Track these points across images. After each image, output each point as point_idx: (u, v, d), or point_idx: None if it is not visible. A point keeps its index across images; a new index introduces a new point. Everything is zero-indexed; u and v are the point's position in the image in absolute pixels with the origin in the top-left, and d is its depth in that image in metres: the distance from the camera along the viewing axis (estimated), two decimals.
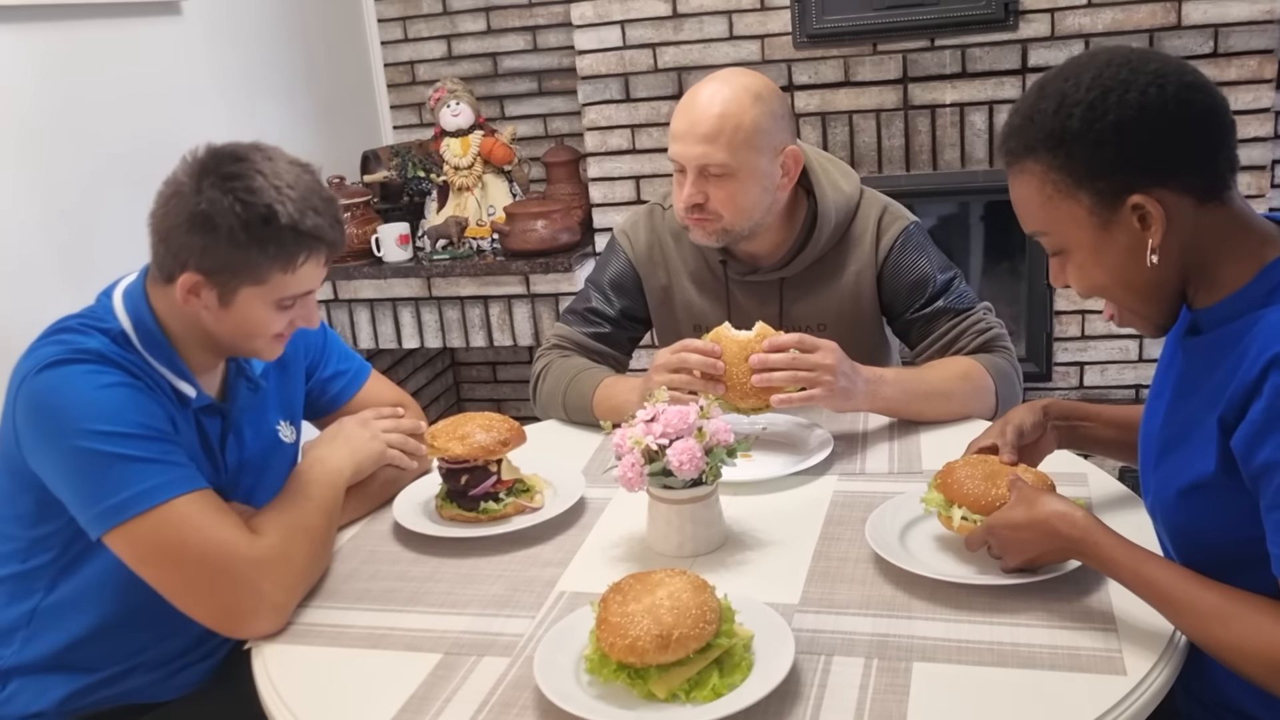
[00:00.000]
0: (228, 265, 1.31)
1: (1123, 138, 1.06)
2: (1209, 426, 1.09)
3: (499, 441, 1.49)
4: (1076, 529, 1.15)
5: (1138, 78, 1.06)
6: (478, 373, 3.99)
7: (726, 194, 1.72)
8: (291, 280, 1.35)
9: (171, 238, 1.32)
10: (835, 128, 3.04)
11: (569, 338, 1.92)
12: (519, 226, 3.12)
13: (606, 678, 1.09)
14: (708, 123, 1.68)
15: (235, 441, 1.49)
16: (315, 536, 1.39)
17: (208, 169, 1.30)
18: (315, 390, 1.67)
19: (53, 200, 2.42)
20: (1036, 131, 1.10)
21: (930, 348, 1.81)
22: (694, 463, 1.31)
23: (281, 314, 1.39)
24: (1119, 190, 1.08)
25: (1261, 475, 1.03)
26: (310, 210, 1.32)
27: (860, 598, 1.25)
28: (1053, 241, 1.15)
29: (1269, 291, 1.08)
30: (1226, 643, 1.05)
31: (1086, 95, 1.07)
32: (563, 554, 1.42)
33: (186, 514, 1.28)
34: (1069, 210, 1.11)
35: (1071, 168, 1.09)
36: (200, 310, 1.35)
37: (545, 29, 3.54)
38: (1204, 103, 1.07)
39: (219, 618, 1.30)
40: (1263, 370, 1.02)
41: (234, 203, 1.28)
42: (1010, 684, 1.08)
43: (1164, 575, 1.10)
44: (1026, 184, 1.13)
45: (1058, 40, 2.82)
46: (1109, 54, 1.10)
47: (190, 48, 2.85)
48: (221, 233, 1.29)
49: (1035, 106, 1.11)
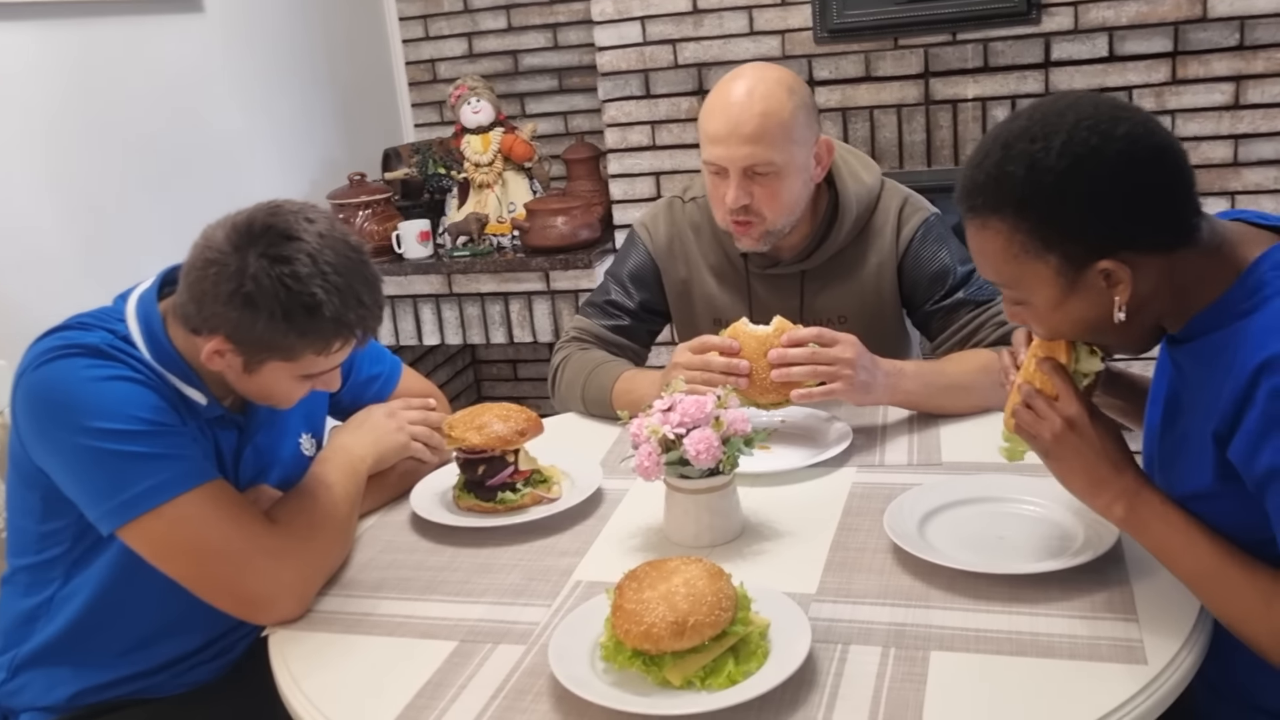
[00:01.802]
0: (261, 343, 1.28)
1: (1094, 208, 1.05)
2: (1204, 440, 1.08)
3: (516, 432, 1.49)
4: (1140, 478, 1.13)
5: (1108, 145, 1.05)
6: (498, 370, 4.00)
7: (771, 192, 1.70)
8: (323, 361, 1.33)
9: (206, 304, 1.28)
10: (856, 123, 3.02)
11: (588, 330, 1.92)
12: (539, 223, 3.12)
13: (622, 665, 1.08)
14: (751, 123, 1.65)
15: (253, 455, 1.46)
16: (336, 524, 1.39)
17: (254, 241, 1.25)
18: (349, 396, 1.66)
19: (75, 196, 2.44)
20: (1005, 194, 1.09)
21: (950, 339, 1.80)
22: (711, 452, 1.31)
23: (304, 385, 1.37)
24: (1088, 255, 1.07)
25: (1267, 481, 1.01)
26: (355, 301, 1.28)
27: (878, 587, 1.24)
28: (1015, 294, 1.15)
29: (1249, 298, 1.07)
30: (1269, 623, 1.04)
31: (1058, 163, 1.05)
32: (579, 544, 1.42)
33: (200, 508, 1.28)
34: (1035, 269, 1.10)
35: (1041, 232, 1.08)
36: (221, 366, 1.33)
37: (566, 26, 3.55)
38: (1171, 164, 1.07)
39: (241, 607, 1.30)
40: (1251, 377, 1.01)
41: (279, 288, 1.24)
42: (1029, 673, 1.07)
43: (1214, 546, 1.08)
44: (990, 240, 1.12)
45: (1081, 34, 2.80)
46: (1076, 113, 1.07)
47: (212, 44, 2.87)
48: (262, 314, 1.25)
49: (1002, 167, 1.08)
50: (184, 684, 1.47)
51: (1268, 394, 0.99)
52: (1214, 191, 2.79)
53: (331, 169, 3.32)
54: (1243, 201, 2.79)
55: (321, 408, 1.62)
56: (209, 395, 1.38)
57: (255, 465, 1.47)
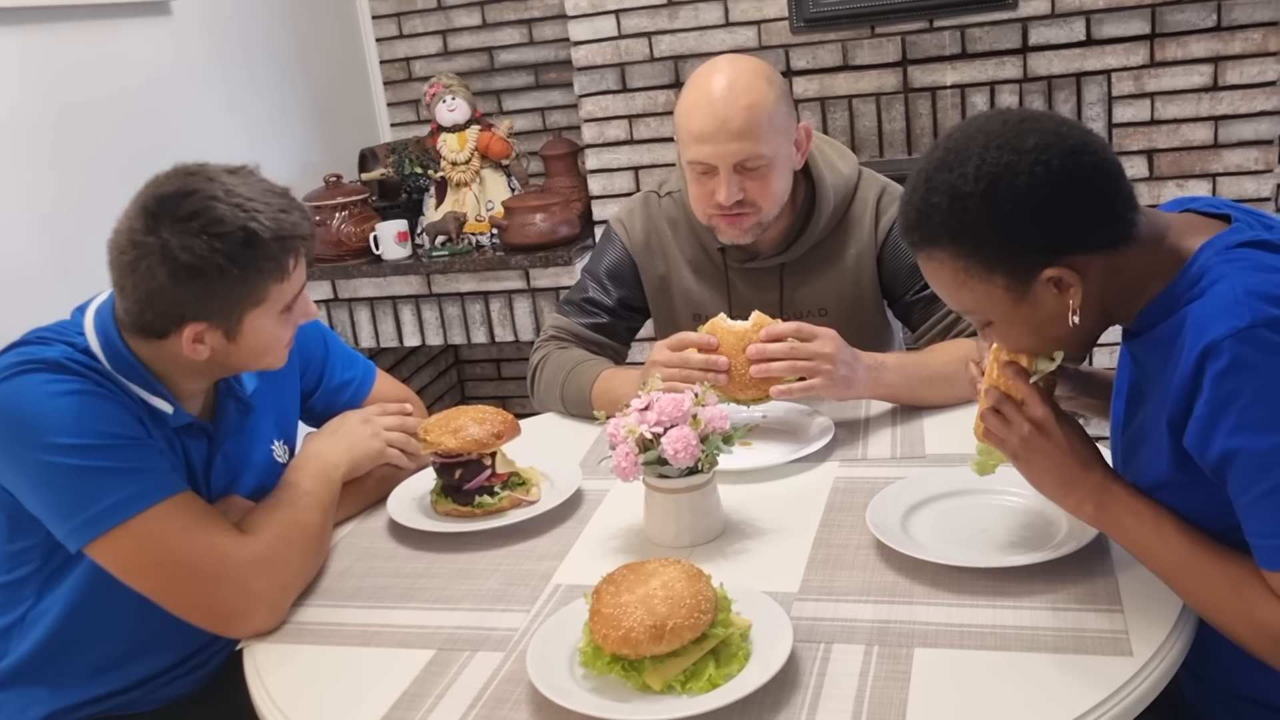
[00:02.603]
0: (228, 301, 1.27)
1: (1022, 223, 1.06)
2: (1160, 429, 1.08)
3: (492, 434, 1.47)
4: (1108, 475, 1.14)
5: (1021, 159, 1.05)
6: (481, 370, 3.97)
7: (763, 185, 1.69)
8: (288, 287, 1.32)
9: (157, 299, 1.26)
10: (835, 112, 3.00)
11: (566, 329, 1.90)
12: (518, 221, 3.10)
13: (601, 670, 1.07)
14: (739, 118, 1.63)
15: (223, 464, 1.44)
16: (310, 533, 1.37)
17: (161, 219, 1.24)
18: (322, 401, 1.64)
19: (44, 204, 2.41)
20: (935, 226, 1.10)
21: (932, 330, 1.78)
22: (689, 451, 1.29)
23: (286, 323, 1.36)
24: (1031, 267, 1.08)
25: (1223, 466, 1.01)
26: (279, 212, 1.28)
27: (861, 584, 1.23)
28: (978, 318, 1.16)
29: (1192, 286, 1.07)
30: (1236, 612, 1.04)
31: (976, 187, 1.06)
32: (559, 547, 1.40)
33: (168, 521, 1.25)
34: (986, 291, 1.11)
35: (980, 255, 1.09)
36: (207, 354, 1.31)
37: (540, 21, 3.52)
38: (1089, 163, 1.07)
39: (213, 620, 1.28)
40: (1197, 363, 1.01)
41: (210, 240, 1.23)
42: (1014, 668, 1.06)
43: (1184, 536, 1.08)
44: (939, 271, 1.13)
45: (1058, 18, 2.78)
46: (985, 136, 1.08)
47: (181, 48, 2.83)
48: (212, 275, 1.24)
49: (927, 200, 1.10)
50: (160, 699, 1.44)
51: (1212, 379, 0.99)
52: (1195, 174, 2.78)
53: (307, 171, 3.28)
54: (1224, 183, 2.78)
55: (293, 413, 1.60)
56: (175, 404, 1.35)
57: (227, 474, 1.44)
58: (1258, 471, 0.99)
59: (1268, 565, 1.01)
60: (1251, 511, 1.01)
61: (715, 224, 1.74)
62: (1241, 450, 0.99)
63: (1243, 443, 0.99)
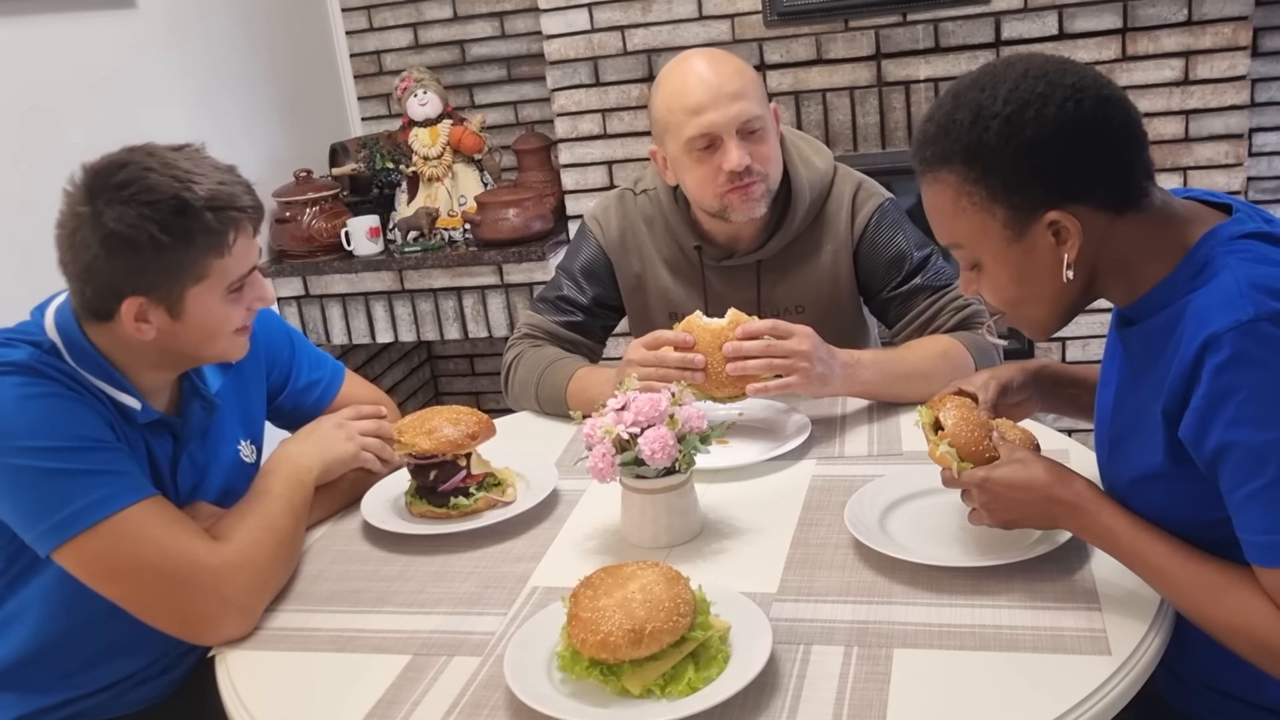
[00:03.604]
0: (164, 274, 1.25)
1: (1039, 154, 1.05)
2: (1154, 418, 1.07)
3: (467, 435, 1.45)
4: (1079, 496, 1.13)
5: (1055, 91, 1.04)
6: (455, 365, 3.95)
7: (764, 149, 1.69)
8: (231, 262, 1.29)
9: (94, 273, 1.25)
10: (809, 106, 3.00)
11: (541, 327, 1.88)
12: (491, 216, 3.08)
13: (579, 675, 1.06)
14: (732, 81, 1.65)
15: (189, 464, 1.42)
16: (281, 537, 1.35)
17: (96, 190, 1.23)
18: (289, 402, 1.62)
19: (7, 201, 2.36)
20: (952, 143, 1.08)
21: (908, 326, 1.78)
22: (666, 451, 1.28)
23: (235, 303, 1.32)
24: (1035, 206, 1.06)
25: (1216, 459, 1.01)
26: (217, 183, 1.26)
27: (839, 584, 1.22)
28: (967, 254, 1.14)
29: (1194, 276, 1.06)
30: (1217, 618, 1.04)
31: (1003, 109, 1.05)
32: (535, 548, 1.39)
33: (138, 525, 1.23)
34: (983, 223, 1.09)
35: (987, 182, 1.07)
36: (153, 334, 1.28)
37: (512, 15, 3.49)
38: (1119, 117, 1.06)
39: (183, 627, 1.26)
40: (1197, 355, 1.00)
41: (140, 208, 1.21)
42: (993, 668, 1.06)
43: (1162, 547, 1.08)
44: (941, 194, 1.11)
45: (1030, 12, 2.79)
46: (1025, 63, 1.07)
47: (146, 42, 2.79)
48: (144, 245, 1.22)
49: (951, 116, 1.08)
50: (130, 703, 1.43)
51: (1212, 371, 0.99)
52: (1166, 167, 2.80)
53: (277, 166, 3.24)
54: (1195, 177, 2.80)
55: (259, 413, 1.58)
56: (141, 399, 1.33)
57: (194, 474, 1.42)
58: (1254, 466, 0.98)
59: (1262, 561, 1.00)
60: (1245, 507, 1.00)
61: (728, 202, 1.70)
62: (1238, 444, 0.98)
63: (1240, 436, 0.98)
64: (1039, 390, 1.39)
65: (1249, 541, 1.01)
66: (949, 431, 1.21)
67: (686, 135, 1.67)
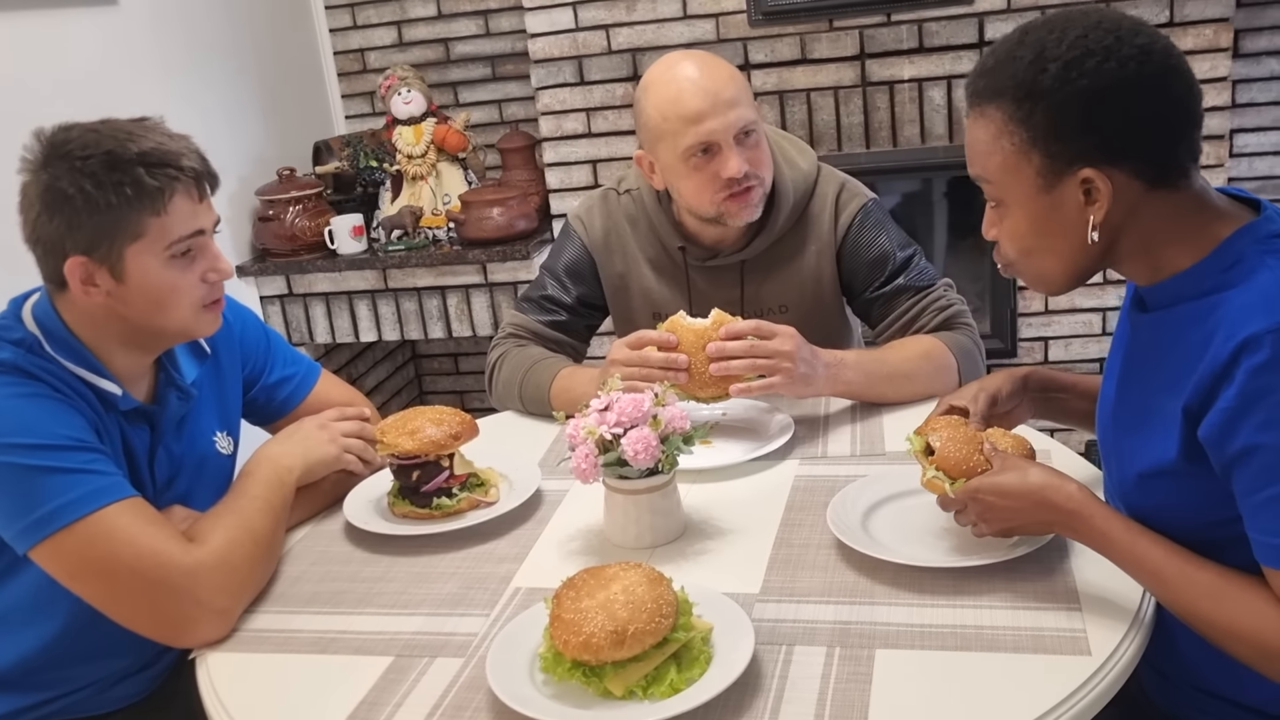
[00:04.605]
0: (98, 230, 1.25)
1: (1089, 106, 1.03)
2: (1171, 414, 1.06)
3: (450, 435, 1.45)
4: (1072, 500, 1.12)
5: (1121, 47, 1.02)
6: (439, 364, 3.94)
7: (759, 153, 1.70)
8: (169, 221, 1.28)
9: (39, 234, 1.27)
10: (793, 106, 3.00)
11: (525, 326, 1.88)
12: (475, 215, 3.07)
13: (561, 676, 1.06)
14: (728, 87, 1.65)
15: (165, 455, 1.42)
16: (258, 539, 1.34)
17: (45, 160, 1.26)
18: (262, 396, 1.61)
19: None
20: (1007, 78, 1.06)
21: (891, 326, 1.79)
22: (649, 452, 1.28)
23: (183, 269, 1.31)
24: (1072, 159, 1.05)
25: (1237, 460, 1.00)
26: (157, 143, 1.27)
27: (822, 585, 1.22)
28: (994, 190, 1.12)
29: (1225, 271, 1.05)
30: (1218, 622, 1.03)
31: (1066, 53, 1.03)
32: (518, 549, 1.39)
33: (115, 524, 1.22)
34: (1017, 165, 1.08)
35: (1031, 124, 1.05)
36: (103, 299, 1.28)
37: (497, 13, 3.48)
38: (1179, 89, 1.04)
39: (159, 629, 1.25)
40: (1232, 355, 0.98)
41: (74, 163, 1.23)
42: (974, 669, 1.06)
43: (1158, 551, 1.08)
44: (984, 128, 1.10)
45: (1014, 13, 2.80)
46: (1101, 15, 1.05)
47: (127, 38, 2.77)
48: (76, 199, 1.23)
49: (1012, 52, 1.07)
50: (112, 699, 1.42)
51: (1248, 372, 0.97)
52: None
53: (260, 164, 3.23)
54: None
55: (235, 404, 1.57)
56: (120, 385, 1.34)
57: (170, 466, 1.42)
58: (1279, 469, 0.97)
59: (1278, 564, 0.99)
60: (1266, 509, 0.99)
61: (725, 208, 1.70)
62: (1266, 446, 0.97)
63: (1269, 439, 0.97)
64: (1028, 397, 1.39)
65: (1266, 543, 1.00)
66: (938, 454, 1.22)
67: (685, 144, 1.66)
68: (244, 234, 3.23)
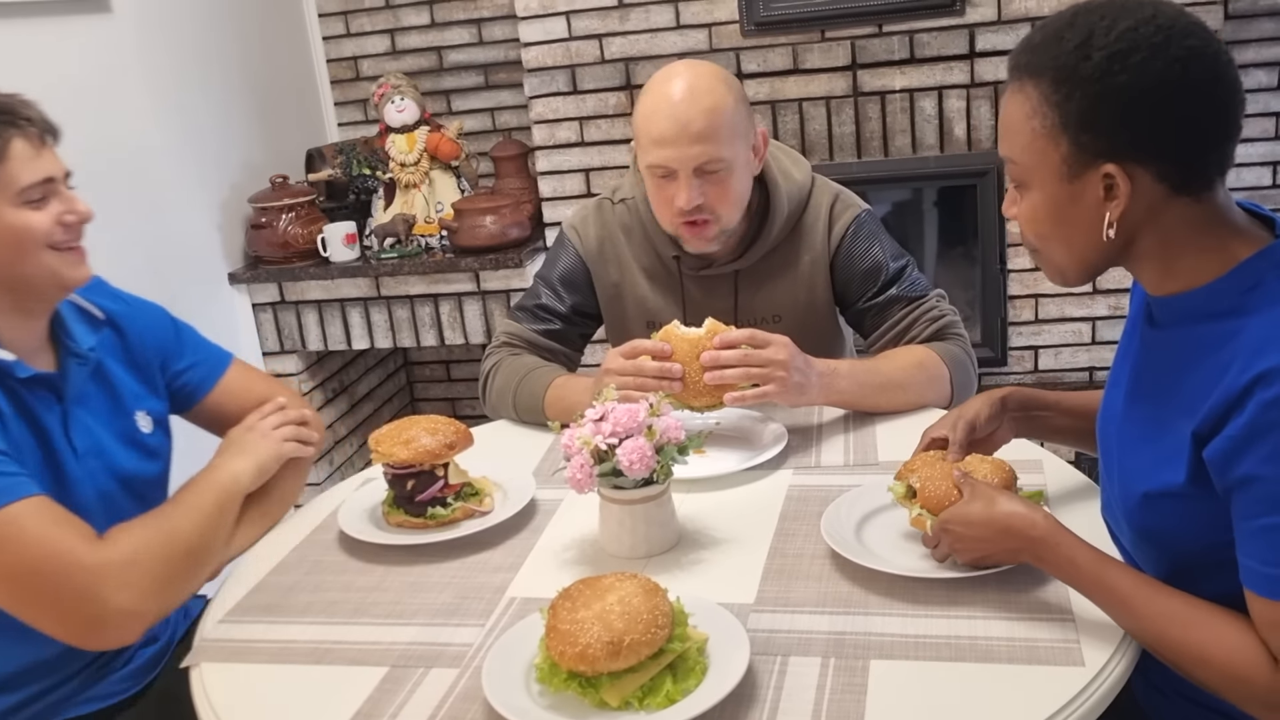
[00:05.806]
0: None
1: (1125, 102, 1.01)
2: (1180, 436, 1.05)
3: (445, 445, 1.45)
4: (1036, 529, 1.13)
5: (1170, 46, 1.00)
6: (431, 372, 3.94)
7: (722, 190, 1.67)
8: (13, 168, 1.28)
9: None
10: (785, 116, 3.02)
11: (519, 335, 1.88)
12: (468, 223, 3.07)
13: (557, 687, 1.06)
14: (700, 121, 1.62)
15: (81, 426, 1.39)
16: (176, 538, 1.31)
17: None
18: (173, 384, 1.59)
19: None
20: (1050, 58, 1.04)
21: (884, 337, 1.79)
22: (644, 462, 1.28)
23: (33, 213, 1.30)
24: (1098, 152, 1.03)
25: (1237, 488, 1.00)
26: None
27: (816, 595, 1.23)
28: (1018, 171, 1.10)
29: (1244, 293, 1.03)
30: (1187, 649, 1.03)
31: (1114, 44, 1.01)
32: (513, 559, 1.39)
33: (17, 525, 1.20)
34: (1044, 149, 1.06)
35: (1065, 110, 1.04)
36: None
37: (490, 21, 3.49)
38: (1221, 99, 1.02)
39: (66, 630, 1.24)
40: (1246, 387, 0.98)
41: None
42: (968, 679, 1.07)
43: (1127, 579, 1.08)
44: (1019, 105, 1.08)
45: (1005, 24, 2.81)
46: (1154, 10, 1.02)
47: (121, 46, 2.77)
48: None
49: (1060, 32, 1.04)
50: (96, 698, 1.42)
51: (1260, 405, 0.96)
52: None
53: (253, 172, 3.23)
54: None
55: (156, 387, 1.55)
56: (12, 354, 1.32)
57: (88, 436, 1.40)
58: (1278, 501, 0.96)
59: (1264, 592, 0.99)
60: (1259, 538, 0.98)
61: (680, 233, 1.73)
62: (1266, 478, 0.96)
63: (1271, 472, 0.96)
64: (1009, 418, 1.39)
65: (1255, 570, 0.99)
66: (920, 494, 1.24)
67: (647, 161, 1.68)
68: (237, 241, 3.23)
